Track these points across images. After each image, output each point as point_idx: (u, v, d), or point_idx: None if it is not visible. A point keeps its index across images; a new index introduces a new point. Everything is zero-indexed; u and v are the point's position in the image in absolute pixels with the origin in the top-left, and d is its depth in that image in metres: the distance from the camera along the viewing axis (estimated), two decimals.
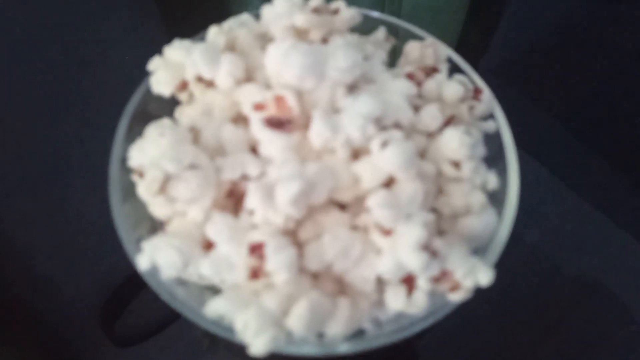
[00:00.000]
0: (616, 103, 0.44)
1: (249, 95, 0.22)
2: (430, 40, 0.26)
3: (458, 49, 0.27)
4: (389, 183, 0.20)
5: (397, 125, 0.21)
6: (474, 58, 0.44)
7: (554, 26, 0.48)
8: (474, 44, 0.45)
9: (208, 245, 0.21)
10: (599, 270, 0.36)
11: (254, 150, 0.22)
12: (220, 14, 0.27)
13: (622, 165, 0.41)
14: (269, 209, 0.20)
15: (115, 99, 0.28)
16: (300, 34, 0.23)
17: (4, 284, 0.35)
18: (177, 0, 0.45)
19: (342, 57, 0.21)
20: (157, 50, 0.26)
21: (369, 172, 0.19)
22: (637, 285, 0.36)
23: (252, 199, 0.20)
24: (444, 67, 0.25)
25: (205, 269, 0.20)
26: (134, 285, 0.34)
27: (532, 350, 0.34)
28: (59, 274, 0.35)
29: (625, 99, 0.44)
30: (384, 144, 0.19)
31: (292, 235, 0.21)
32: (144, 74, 0.26)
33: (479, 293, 0.21)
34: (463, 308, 0.22)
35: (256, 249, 0.20)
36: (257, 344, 0.19)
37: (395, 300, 0.21)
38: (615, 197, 0.40)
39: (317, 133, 0.20)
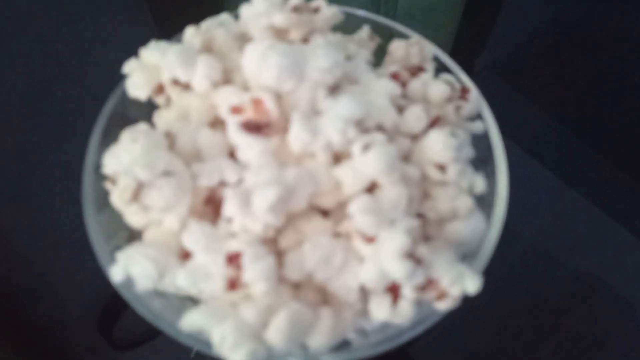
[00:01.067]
0: (614, 100, 0.44)
1: (226, 98, 0.21)
2: (415, 38, 0.25)
3: (454, 47, 0.26)
4: (371, 188, 0.19)
5: (380, 128, 0.20)
6: (470, 56, 0.43)
7: (550, 23, 0.48)
8: (470, 43, 0.44)
9: (185, 255, 0.21)
10: (598, 268, 0.36)
11: (232, 155, 0.22)
12: (212, 14, 0.26)
13: (620, 161, 0.40)
14: (247, 216, 0.19)
15: (97, 101, 0.27)
16: (280, 34, 0.22)
17: (2, 288, 0.34)
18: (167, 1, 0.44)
19: (322, 56, 0.20)
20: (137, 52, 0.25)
21: (350, 176, 0.19)
22: (636, 282, 0.36)
23: (230, 206, 0.19)
24: (430, 66, 0.24)
25: (181, 280, 0.19)
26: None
27: (530, 350, 0.34)
28: (55, 277, 0.34)
29: (622, 95, 0.44)
30: (366, 148, 0.19)
31: (272, 243, 0.20)
32: (123, 77, 0.25)
33: (481, 291, 0.20)
34: (459, 309, 0.21)
35: (234, 259, 0.19)
36: (235, 358, 0.18)
37: (380, 310, 0.20)
38: (613, 194, 0.39)
39: (296, 136, 0.19)
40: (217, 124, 0.22)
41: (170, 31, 0.26)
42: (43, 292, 0.34)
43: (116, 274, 0.20)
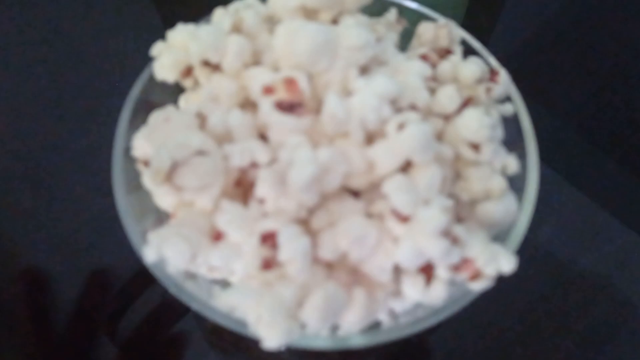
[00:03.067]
0: (620, 99, 0.43)
1: (256, 79, 0.21)
2: (443, 21, 0.25)
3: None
4: (404, 168, 0.19)
5: (414, 107, 0.20)
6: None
7: (554, 21, 0.47)
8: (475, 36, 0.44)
9: (217, 236, 0.21)
10: (602, 268, 0.36)
11: (262, 137, 0.21)
12: (217, 2, 0.26)
13: (626, 161, 0.40)
14: (281, 196, 0.19)
15: (115, 88, 0.27)
16: (310, 15, 0.22)
17: (5, 281, 0.34)
18: None
19: (354, 36, 0.20)
20: (155, 38, 0.25)
21: (384, 156, 0.19)
22: None
23: (263, 187, 0.19)
24: (458, 49, 0.24)
25: (215, 260, 0.19)
26: (136, 286, 0.34)
27: (544, 348, 0.34)
28: (60, 271, 0.34)
29: (629, 95, 0.44)
30: (401, 126, 0.18)
31: (305, 224, 0.20)
32: (144, 63, 0.25)
33: (490, 290, 0.20)
34: (474, 305, 0.21)
35: (268, 238, 0.19)
36: (271, 337, 0.18)
37: (413, 290, 0.20)
38: (621, 194, 0.39)
39: (330, 116, 0.19)
40: (246, 105, 0.22)
41: (174, 20, 0.26)
42: (46, 285, 0.34)
43: (149, 254, 0.20)
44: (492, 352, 0.34)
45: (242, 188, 0.21)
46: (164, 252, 0.20)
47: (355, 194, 0.21)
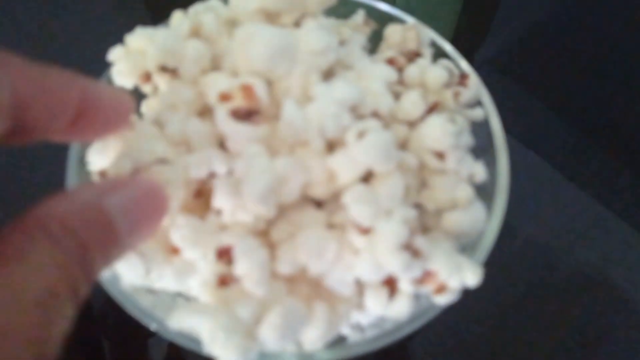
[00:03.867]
0: (615, 93, 0.43)
1: (214, 85, 0.20)
2: (412, 22, 0.24)
3: (453, 41, 0.25)
4: (367, 177, 0.18)
5: (376, 115, 0.19)
6: (470, 50, 0.42)
7: (550, 16, 0.47)
8: (470, 36, 0.43)
9: (173, 250, 0.20)
10: (598, 262, 0.35)
11: (222, 145, 0.21)
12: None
13: (621, 155, 0.40)
14: (238, 207, 0.18)
15: None
16: (271, 18, 0.21)
17: None
18: None
19: (314, 39, 0.19)
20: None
21: (344, 165, 0.18)
22: (638, 275, 0.35)
23: (219, 197, 0.18)
24: (427, 52, 0.23)
25: (169, 279, 0.18)
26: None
27: (531, 346, 0.33)
28: None
29: (625, 89, 0.43)
30: (361, 135, 0.18)
31: (264, 236, 0.19)
32: (105, 68, 0.24)
33: (475, 288, 0.19)
34: (458, 304, 0.20)
35: (224, 253, 0.18)
36: (226, 357, 0.17)
37: (376, 304, 0.19)
38: (614, 188, 0.38)
39: (288, 123, 0.18)
40: (206, 112, 0.21)
41: (164, 18, 0.25)
42: None
43: None
44: (478, 351, 0.33)
45: (201, 200, 0.21)
46: (117, 267, 0.19)
47: (319, 203, 0.20)
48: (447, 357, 0.33)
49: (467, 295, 0.20)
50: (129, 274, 0.19)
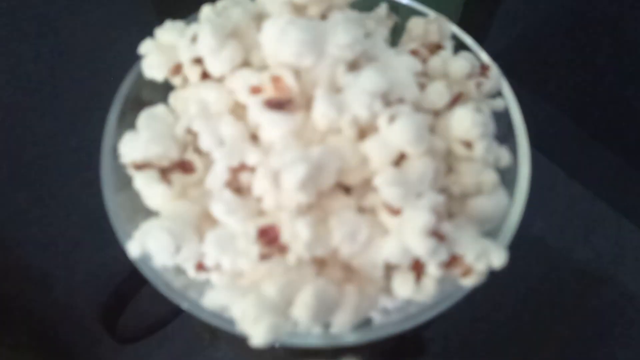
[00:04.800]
0: (621, 93, 0.43)
1: (243, 81, 0.21)
2: (434, 16, 0.24)
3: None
4: (398, 162, 0.19)
5: (402, 102, 0.20)
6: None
7: (554, 13, 0.47)
8: (472, 33, 0.44)
9: (203, 230, 0.20)
10: (601, 260, 0.36)
11: (253, 139, 0.21)
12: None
13: (623, 151, 0.40)
14: (279, 193, 0.19)
15: (108, 85, 0.27)
16: (298, 10, 0.22)
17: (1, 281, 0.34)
18: None
19: (342, 32, 0.20)
20: (148, 34, 0.24)
21: (377, 150, 0.18)
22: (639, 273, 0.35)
23: (261, 184, 0.19)
24: (448, 44, 0.24)
25: (209, 246, 0.19)
26: (136, 281, 0.34)
27: (540, 341, 0.34)
28: (55, 268, 0.34)
29: (630, 88, 0.43)
30: (392, 119, 0.18)
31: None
32: (137, 59, 0.25)
33: (486, 283, 0.20)
34: (470, 298, 0.21)
35: (266, 233, 0.19)
36: (256, 334, 0.18)
37: (403, 288, 0.20)
38: (617, 185, 0.39)
39: (322, 113, 0.19)
40: (236, 110, 0.22)
41: (170, 14, 0.26)
42: (45, 284, 0.34)
43: (133, 248, 0.20)
44: (487, 345, 0.34)
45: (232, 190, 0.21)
46: (147, 245, 0.20)
47: (347, 190, 0.21)
48: (457, 349, 0.34)
49: (478, 289, 0.20)
50: (159, 253, 0.20)
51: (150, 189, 0.21)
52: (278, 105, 0.19)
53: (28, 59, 0.42)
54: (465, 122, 0.19)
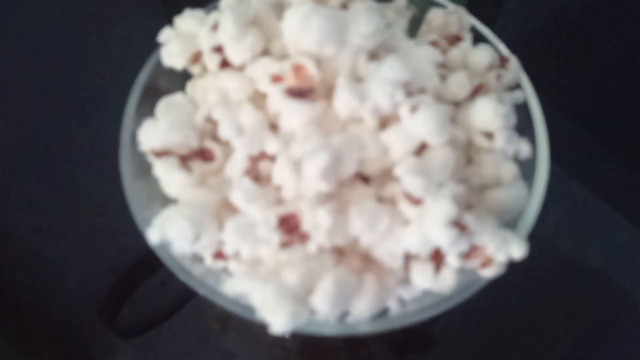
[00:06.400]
0: (627, 94, 0.43)
1: (264, 69, 0.21)
2: (453, 7, 0.24)
3: None
4: (418, 152, 0.19)
5: (423, 92, 0.20)
6: None
7: (558, 13, 0.47)
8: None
9: (222, 217, 0.20)
10: (603, 262, 0.36)
11: (272, 128, 0.21)
12: None
13: (630, 156, 0.40)
14: (299, 182, 0.19)
15: (121, 75, 0.27)
16: (319, 0, 0.22)
17: (9, 268, 0.34)
18: None
19: (364, 22, 0.20)
20: (162, 23, 0.24)
21: (399, 139, 0.18)
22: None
23: (281, 172, 0.19)
24: (467, 36, 0.24)
25: (229, 233, 0.19)
26: (136, 275, 0.34)
27: (547, 338, 0.34)
28: (65, 258, 0.34)
29: (635, 89, 0.43)
30: (414, 108, 0.18)
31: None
32: (150, 49, 0.25)
33: (493, 281, 0.20)
34: (478, 295, 0.21)
35: (286, 221, 0.19)
36: (276, 321, 0.18)
37: (422, 278, 0.20)
38: (624, 190, 0.39)
39: (344, 102, 0.19)
40: (255, 100, 0.22)
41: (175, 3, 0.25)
42: (51, 273, 0.34)
43: (153, 235, 0.20)
44: (495, 342, 0.34)
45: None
46: (167, 232, 0.20)
47: (366, 179, 0.21)
48: (467, 343, 0.34)
49: (489, 286, 0.20)
50: (179, 240, 0.20)
51: (169, 176, 0.21)
52: (299, 93, 0.19)
53: (41, 48, 0.42)
54: (487, 113, 0.19)
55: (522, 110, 0.24)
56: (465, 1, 0.41)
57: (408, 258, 0.20)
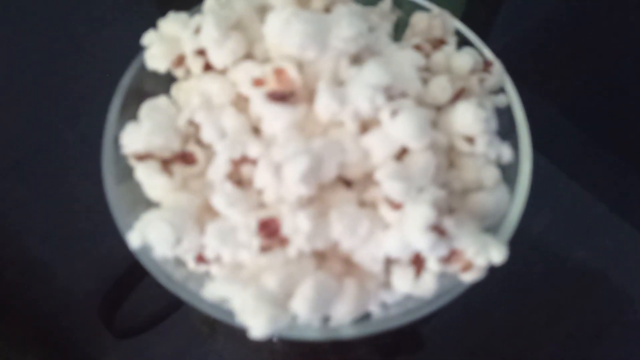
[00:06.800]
0: (621, 93, 0.43)
1: (246, 73, 0.21)
2: (437, 11, 0.24)
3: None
4: (399, 157, 0.19)
5: (404, 96, 0.20)
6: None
7: (556, 13, 0.47)
8: (475, 29, 0.44)
9: (203, 221, 0.20)
10: (599, 261, 0.36)
11: (255, 132, 0.21)
12: None
13: (623, 153, 0.40)
14: (280, 186, 0.19)
15: (108, 77, 0.27)
16: (302, 3, 0.22)
17: None
18: None
19: (346, 26, 0.20)
20: (149, 26, 0.24)
21: (379, 143, 0.18)
22: (637, 275, 0.35)
23: (262, 176, 0.19)
24: (452, 39, 0.24)
25: (210, 237, 0.19)
26: (133, 276, 0.34)
27: (537, 339, 0.34)
28: (54, 260, 0.34)
29: (630, 88, 0.43)
30: (395, 113, 0.18)
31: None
32: (137, 51, 0.25)
33: (484, 281, 0.20)
34: (468, 295, 0.21)
35: (266, 225, 0.19)
36: (256, 325, 0.18)
37: (403, 282, 0.20)
38: (617, 187, 0.39)
39: (324, 106, 0.19)
40: (239, 102, 0.22)
41: (171, 4, 0.25)
42: (40, 275, 0.34)
43: (134, 239, 0.20)
44: (485, 344, 0.34)
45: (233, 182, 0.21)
46: (148, 236, 0.20)
47: (348, 184, 0.21)
48: (456, 345, 0.34)
49: (476, 286, 0.20)
50: (160, 244, 0.20)
51: (151, 180, 0.21)
52: (280, 97, 0.19)
53: (27, 51, 0.42)
54: (468, 117, 0.19)
55: (506, 114, 0.24)
56: (462, 5, 0.41)
57: (389, 262, 0.20)
